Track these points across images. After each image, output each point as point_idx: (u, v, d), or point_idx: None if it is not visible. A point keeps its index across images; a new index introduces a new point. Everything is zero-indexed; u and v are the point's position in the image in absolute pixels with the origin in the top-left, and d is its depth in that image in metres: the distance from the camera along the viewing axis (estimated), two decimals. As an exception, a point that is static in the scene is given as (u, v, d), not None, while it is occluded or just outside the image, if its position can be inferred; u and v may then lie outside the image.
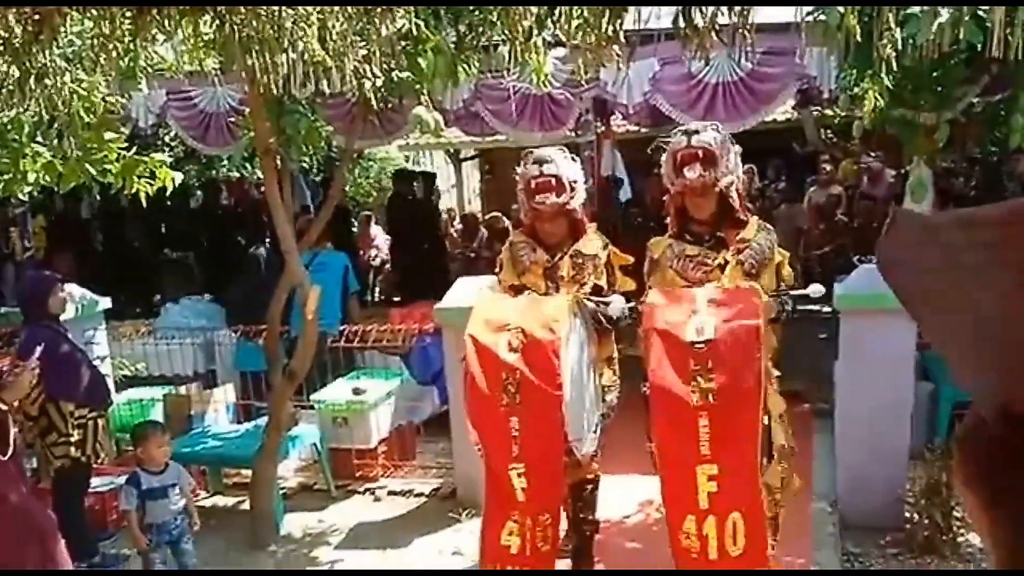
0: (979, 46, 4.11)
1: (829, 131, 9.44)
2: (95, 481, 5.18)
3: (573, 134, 7.38)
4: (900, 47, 3.78)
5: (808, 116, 7.85)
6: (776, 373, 3.77)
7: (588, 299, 3.93)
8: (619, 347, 4.28)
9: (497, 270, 4.22)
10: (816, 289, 3.72)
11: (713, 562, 3.39)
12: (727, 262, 3.73)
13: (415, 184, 9.74)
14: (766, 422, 3.51)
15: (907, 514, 4.67)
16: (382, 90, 4.57)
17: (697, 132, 3.65)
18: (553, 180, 3.89)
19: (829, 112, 7.68)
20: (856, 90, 4.72)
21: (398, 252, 9.45)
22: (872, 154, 8.31)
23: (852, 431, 4.85)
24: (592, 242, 4.10)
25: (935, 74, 5.03)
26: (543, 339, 3.51)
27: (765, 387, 3.38)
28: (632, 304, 3.91)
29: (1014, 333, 0.68)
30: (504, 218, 7.87)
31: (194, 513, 4.51)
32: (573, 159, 4.10)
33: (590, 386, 3.86)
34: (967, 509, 0.78)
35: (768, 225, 3.92)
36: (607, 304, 3.91)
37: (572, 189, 3.96)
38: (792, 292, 3.78)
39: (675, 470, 3.44)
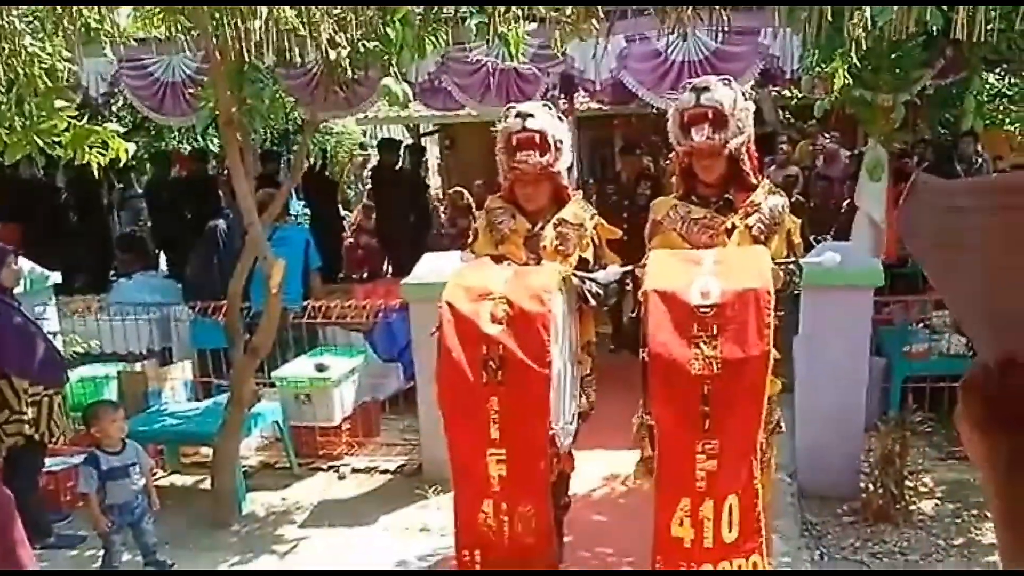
0: (935, 29, 4.19)
1: (787, 112, 9.60)
2: (49, 461, 5.05)
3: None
4: (869, 25, 3.85)
5: (766, 96, 7.94)
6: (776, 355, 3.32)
7: (574, 274, 3.59)
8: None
9: (471, 240, 3.88)
10: (830, 258, 3.51)
11: (708, 551, 3.15)
12: (735, 226, 3.44)
13: (401, 153, 9.64)
14: None
15: (862, 484, 4.78)
16: (348, 60, 4.49)
17: (707, 89, 3.28)
18: (537, 136, 3.49)
19: (787, 93, 7.78)
20: (825, 69, 4.77)
21: (381, 223, 9.31)
22: (828, 135, 8.46)
23: (810, 404, 4.93)
24: (578, 210, 3.76)
25: (894, 56, 5.13)
26: (532, 311, 3.16)
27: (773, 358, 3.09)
28: (628, 268, 3.62)
29: (1011, 291, 0.74)
30: (467, 193, 7.82)
31: (153, 493, 4.42)
32: (560, 118, 3.73)
33: (570, 373, 3.55)
34: (971, 453, 0.84)
35: (779, 189, 3.66)
36: (594, 280, 3.58)
37: (558, 149, 3.57)
38: (802, 261, 3.53)
39: (673, 445, 3.15)
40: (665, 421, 3.16)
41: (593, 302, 3.63)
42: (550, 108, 3.71)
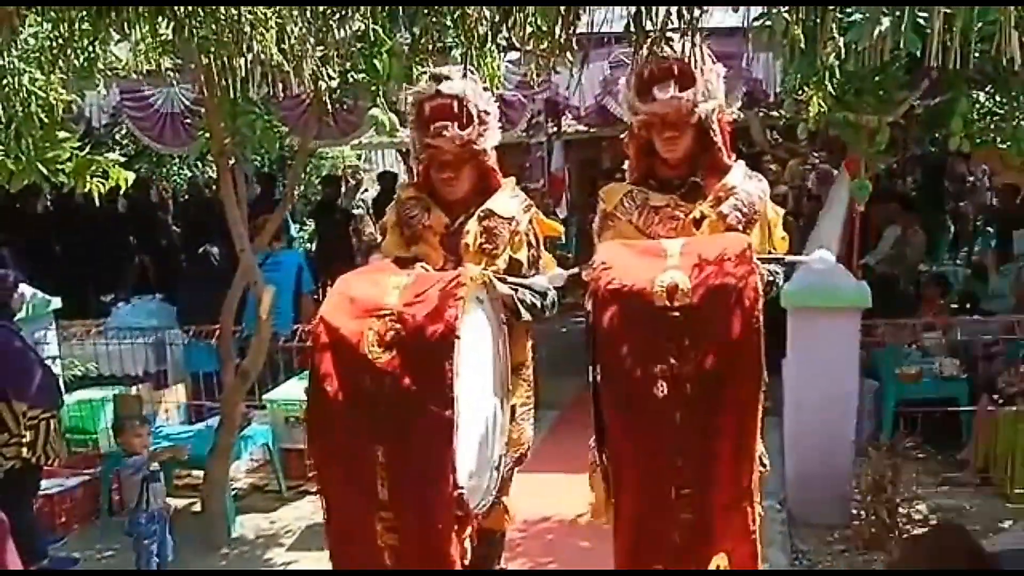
0: (918, 52, 4.23)
1: (775, 132, 9.65)
2: (45, 483, 5.11)
3: (525, 135, 7.47)
4: (843, 53, 3.89)
5: (754, 117, 7.97)
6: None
7: (501, 277, 2.87)
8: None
9: (379, 238, 3.33)
10: (822, 256, 2.94)
11: None
12: (704, 215, 2.82)
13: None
14: None
15: (853, 511, 4.71)
16: (337, 91, 4.58)
17: (670, 40, 2.57)
18: (455, 104, 2.85)
19: (775, 113, 7.83)
20: (801, 95, 4.83)
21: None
22: (817, 154, 8.49)
23: (799, 428, 4.88)
24: (509, 200, 3.06)
25: (876, 78, 5.18)
26: (431, 332, 2.39)
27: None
28: (575, 271, 2.98)
29: None
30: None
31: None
32: (485, 89, 3.15)
33: (494, 408, 2.81)
34: None
35: (759, 174, 3.03)
36: (528, 287, 2.90)
37: (482, 122, 2.93)
38: (787, 258, 2.96)
39: (637, 492, 2.48)
40: (626, 459, 2.49)
41: (527, 315, 2.91)
42: (474, 76, 3.13)
